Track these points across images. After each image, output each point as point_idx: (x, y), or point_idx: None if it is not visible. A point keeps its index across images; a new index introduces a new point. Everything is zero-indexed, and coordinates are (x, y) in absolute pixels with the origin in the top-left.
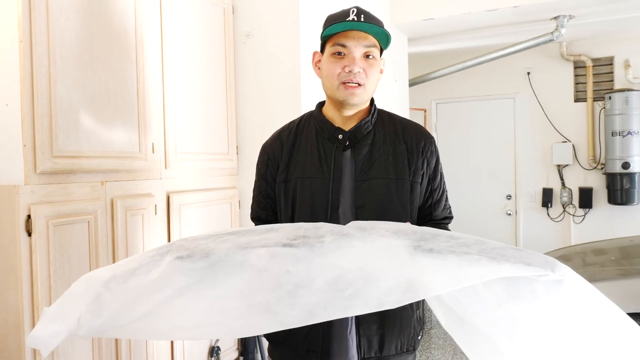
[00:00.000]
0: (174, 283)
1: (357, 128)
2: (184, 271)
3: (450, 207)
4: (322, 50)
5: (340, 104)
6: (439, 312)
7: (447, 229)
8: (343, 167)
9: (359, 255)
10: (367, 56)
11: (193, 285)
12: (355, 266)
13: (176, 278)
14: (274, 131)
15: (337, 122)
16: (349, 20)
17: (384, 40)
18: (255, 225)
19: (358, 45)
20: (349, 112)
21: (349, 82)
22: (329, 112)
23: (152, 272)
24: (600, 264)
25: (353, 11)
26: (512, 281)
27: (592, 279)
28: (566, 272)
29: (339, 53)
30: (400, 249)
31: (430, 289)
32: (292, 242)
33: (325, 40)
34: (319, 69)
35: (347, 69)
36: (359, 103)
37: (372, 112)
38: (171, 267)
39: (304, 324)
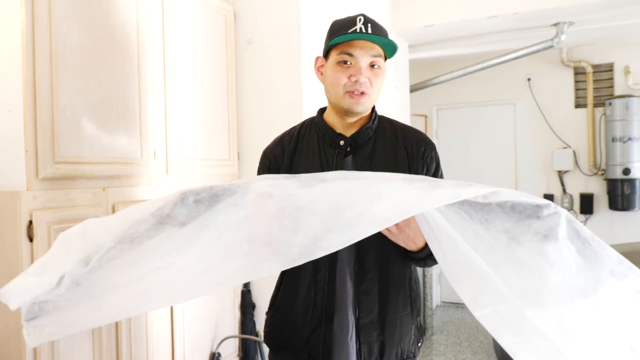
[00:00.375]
0: (174, 219)
1: (359, 134)
2: (186, 205)
3: None
4: (326, 55)
5: (344, 112)
6: (439, 256)
7: None
8: None
9: (360, 182)
10: (372, 65)
11: (194, 228)
12: (357, 189)
13: (177, 212)
14: (275, 137)
15: (339, 128)
16: (357, 29)
17: (390, 50)
18: None
19: (365, 54)
20: (352, 120)
21: (354, 91)
22: (330, 118)
23: (155, 208)
24: None
25: (360, 19)
26: (507, 221)
27: None
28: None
29: (345, 62)
30: (399, 179)
31: (428, 202)
32: (295, 175)
33: (331, 46)
34: (322, 74)
35: (353, 79)
36: (363, 111)
37: (373, 118)
38: (174, 201)
39: (309, 257)
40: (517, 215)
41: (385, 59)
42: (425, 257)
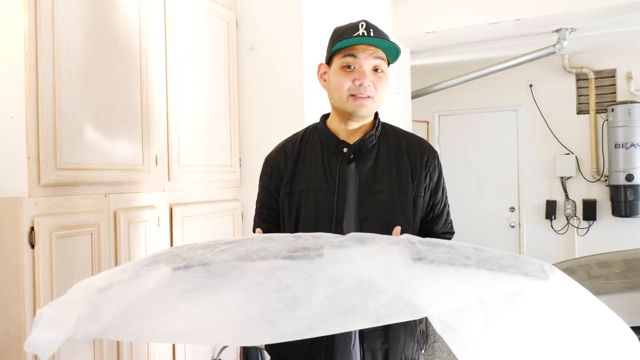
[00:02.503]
0: (172, 291)
1: (362, 141)
2: (183, 279)
3: (452, 222)
4: (329, 62)
5: (348, 116)
6: (434, 320)
7: None
8: (347, 180)
9: (357, 269)
10: (375, 70)
11: (191, 292)
12: (354, 280)
13: (174, 286)
14: (276, 143)
15: (342, 135)
16: (360, 34)
17: (393, 54)
18: None
19: (368, 58)
20: (355, 125)
21: (358, 94)
22: (333, 125)
23: (149, 282)
24: (604, 276)
25: (362, 25)
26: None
27: (596, 292)
28: (558, 278)
29: (349, 66)
30: (399, 263)
31: (428, 307)
32: (292, 254)
33: (333, 52)
34: (325, 80)
35: (357, 82)
36: (367, 115)
37: (377, 125)
38: (168, 277)
39: (303, 337)
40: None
41: (389, 64)
42: None
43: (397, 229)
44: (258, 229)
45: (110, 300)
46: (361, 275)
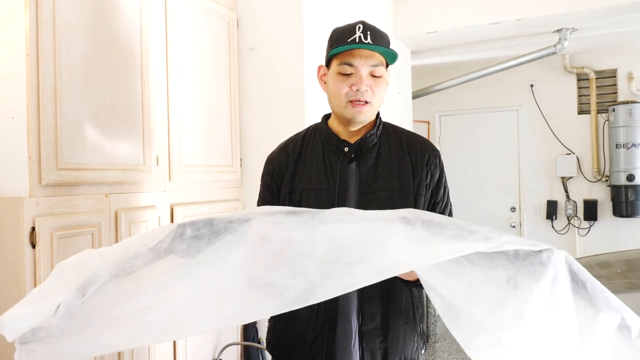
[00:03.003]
0: (173, 254)
1: (363, 141)
2: (185, 237)
3: None
4: (328, 64)
5: (347, 121)
6: (437, 302)
7: None
8: (348, 180)
9: (360, 226)
10: (373, 74)
11: (193, 263)
12: (357, 235)
13: (176, 247)
14: (277, 143)
15: (343, 134)
16: (355, 39)
17: (390, 58)
18: None
19: (365, 64)
20: (355, 128)
21: (356, 101)
22: (334, 124)
23: (154, 243)
24: (605, 276)
25: (359, 27)
26: (510, 269)
27: None
28: (554, 252)
29: (346, 72)
30: (400, 223)
31: (427, 259)
32: (295, 211)
33: (331, 56)
34: (325, 82)
35: (354, 88)
36: (365, 121)
37: (378, 124)
38: (172, 235)
39: (302, 303)
40: (520, 262)
41: (387, 65)
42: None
43: None
44: None
45: (106, 261)
46: (363, 231)
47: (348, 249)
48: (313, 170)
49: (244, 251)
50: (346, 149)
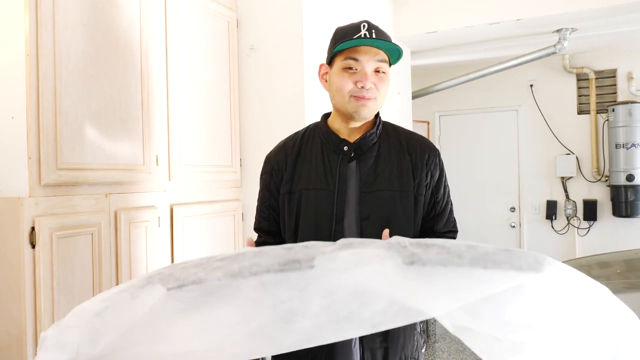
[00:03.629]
0: (168, 311)
1: (363, 140)
2: (178, 298)
3: (455, 220)
4: (330, 62)
5: (349, 116)
6: (445, 322)
7: None
8: (348, 179)
9: (350, 279)
10: (377, 71)
11: (187, 312)
12: (348, 289)
13: (170, 306)
14: (277, 142)
15: (343, 133)
16: (362, 35)
17: (395, 56)
18: (258, 236)
19: (370, 60)
20: (357, 125)
21: (360, 96)
22: (334, 123)
23: (145, 303)
24: (605, 277)
25: (364, 26)
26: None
27: None
28: (553, 268)
29: (350, 67)
30: (391, 268)
31: (424, 311)
32: (283, 267)
33: (335, 53)
34: (326, 81)
35: (359, 84)
36: (368, 116)
37: (377, 124)
38: (164, 298)
39: (303, 347)
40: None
41: (390, 65)
42: None
43: (386, 232)
44: (248, 239)
45: (107, 324)
46: (355, 284)
47: (340, 305)
48: (312, 170)
49: (237, 312)
50: (346, 147)
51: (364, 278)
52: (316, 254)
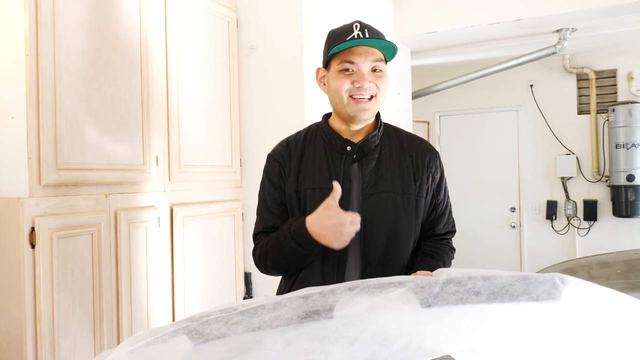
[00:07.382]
0: None
1: (365, 141)
2: (206, 354)
3: (453, 221)
4: (326, 66)
5: (349, 119)
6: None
7: (450, 243)
8: (352, 180)
9: (369, 325)
10: (374, 70)
11: None
12: (368, 334)
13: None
14: (279, 142)
15: (344, 134)
16: (354, 36)
17: (390, 52)
18: (258, 240)
19: (366, 60)
20: (357, 126)
21: (359, 98)
22: (335, 124)
23: (175, 354)
24: (605, 277)
25: (356, 26)
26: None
27: None
28: (571, 292)
29: (347, 70)
30: (409, 312)
31: (442, 348)
32: (303, 320)
33: (330, 56)
34: (324, 84)
35: (356, 85)
36: (369, 119)
37: (379, 126)
38: (192, 352)
39: None
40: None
41: (386, 62)
42: None
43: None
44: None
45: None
46: (374, 330)
47: (364, 347)
48: (316, 170)
49: None
50: (349, 148)
51: (383, 322)
52: (334, 303)
